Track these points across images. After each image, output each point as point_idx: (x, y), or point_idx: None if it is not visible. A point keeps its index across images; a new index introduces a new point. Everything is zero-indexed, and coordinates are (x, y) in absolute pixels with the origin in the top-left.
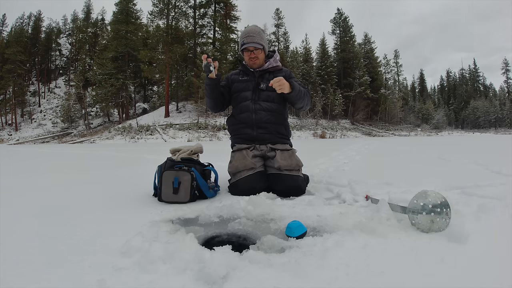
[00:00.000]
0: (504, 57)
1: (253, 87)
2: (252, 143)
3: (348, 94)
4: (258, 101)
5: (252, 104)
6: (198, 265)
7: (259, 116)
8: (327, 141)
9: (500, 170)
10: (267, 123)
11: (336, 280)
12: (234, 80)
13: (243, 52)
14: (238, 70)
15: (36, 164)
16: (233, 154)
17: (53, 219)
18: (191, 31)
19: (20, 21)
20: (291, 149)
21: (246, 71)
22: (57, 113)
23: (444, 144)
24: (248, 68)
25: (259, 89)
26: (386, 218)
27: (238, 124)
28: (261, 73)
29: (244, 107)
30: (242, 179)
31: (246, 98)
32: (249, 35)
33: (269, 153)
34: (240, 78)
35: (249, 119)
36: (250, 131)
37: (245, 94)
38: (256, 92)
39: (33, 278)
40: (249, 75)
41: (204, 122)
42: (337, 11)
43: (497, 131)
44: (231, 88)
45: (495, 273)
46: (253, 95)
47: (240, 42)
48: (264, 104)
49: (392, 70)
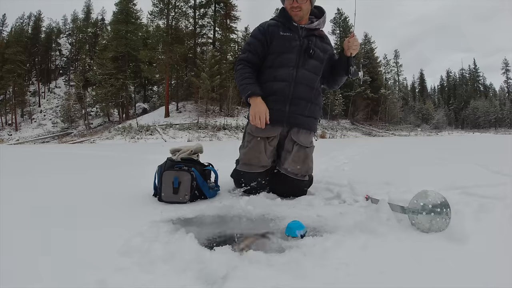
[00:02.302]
0: (504, 57)
1: (299, 50)
2: (280, 125)
3: (348, 94)
4: (302, 69)
5: (295, 72)
6: (198, 265)
7: (298, 89)
8: (327, 141)
9: (500, 170)
10: (304, 100)
11: (336, 280)
12: (273, 34)
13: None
14: (276, 21)
15: (36, 164)
16: (250, 138)
17: (53, 219)
18: (191, 31)
19: (20, 21)
20: (311, 146)
21: (288, 24)
22: (57, 113)
23: (444, 144)
24: (291, 21)
25: (308, 54)
26: (386, 218)
27: (268, 96)
28: (308, 33)
29: (283, 75)
30: (250, 174)
31: (288, 62)
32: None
33: (287, 146)
34: (282, 34)
35: (285, 91)
36: (282, 106)
37: (289, 56)
38: (302, 57)
39: (33, 278)
40: (292, 31)
41: (204, 122)
42: (337, 11)
43: (497, 131)
44: (269, 46)
45: (495, 273)
46: (297, 59)
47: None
48: (308, 74)
49: (392, 70)
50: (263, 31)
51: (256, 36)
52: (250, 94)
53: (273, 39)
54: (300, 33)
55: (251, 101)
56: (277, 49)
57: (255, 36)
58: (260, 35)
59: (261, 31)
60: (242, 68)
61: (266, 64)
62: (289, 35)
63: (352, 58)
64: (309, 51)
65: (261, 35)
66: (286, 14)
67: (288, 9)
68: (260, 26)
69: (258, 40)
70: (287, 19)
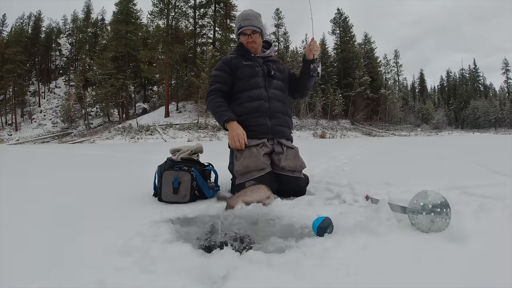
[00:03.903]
0: (504, 57)
1: (262, 74)
2: (265, 136)
3: (348, 94)
4: (270, 88)
5: (265, 91)
6: (198, 265)
7: (273, 105)
8: (327, 141)
9: (500, 170)
10: (280, 113)
11: (336, 280)
12: (237, 64)
13: (239, 36)
14: (236, 54)
15: (36, 164)
16: (240, 151)
17: (53, 219)
18: (191, 31)
19: (20, 21)
20: (295, 147)
21: (247, 55)
22: (57, 113)
23: (444, 144)
24: (249, 52)
25: (271, 76)
26: (386, 218)
27: (249, 114)
28: (264, 60)
29: (257, 94)
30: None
31: (257, 84)
32: (246, 18)
33: (277, 149)
34: (244, 63)
35: (263, 106)
36: (264, 120)
37: (256, 79)
38: (267, 79)
39: (33, 278)
40: (251, 60)
41: (204, 122)
42: (337, 11)
43: (497, 131)
44: (235, 75)
45: (495, 273)
46: (264, 82)
47: (237, 26)
48: (276, 92)
49: (392, 70)
50: (227, 63)
51: (222, 69)
52: (226, 119)
53: (238, 68)
54: (258, 61)
55: (228, 126)
56: (245, 75)
57: (221, 69)
58: (226, 67)
59: (226, 63)
60: (214, 97)
61: (238, 88)
62: (251, 63)
63: (315, 59)
64: (270, 74)
65: (226, 67)
66: (243, 48)
67: (244, 43)
68: (224, 60)
69: (224, 71)
70: (245, 51)
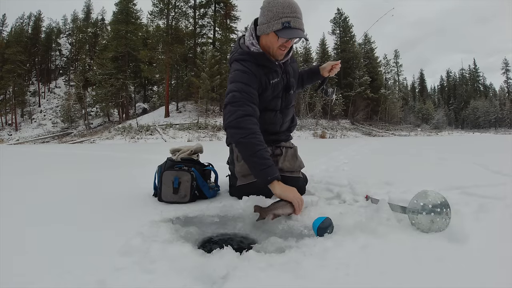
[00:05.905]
0: (504, 57)
1: (282, 91)
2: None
3: (348, 94)
4: (285, 109)
5: (281, 115)
6: (198, 265)
7: (285, 120)
8: (327, 141)
9: (500, 170)
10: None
11: (336, 280)
12: (266, 85)
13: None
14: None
15: (36, 164)
16: None
17: (53, 219)
18: (191, 31)
19: (20, 21)
20: (293, 146)
21: (272, 66)
22: (57, 113)
23: (444, 144)
24: (271, 60)
25: (288, 91)
26: (386, 218)
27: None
28: (285, 67)
29: (270, 119)
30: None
31: (275, 107)
32: (297, 17)
33: (276, 151)
34: (272, 81)
35: (272, 130)
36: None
37: (275, 102)
38: (284, 97)
39: (33, 278)
40: (277, 74)
41: (204, 122)
42: (337, 11)
43: (497, 131)
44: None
45: (495, 273)
46: (281, 103)
47: (280, 22)
48: (289, 109)
49: (392, 70)
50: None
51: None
52: (275, 177)
53: (266, 90)
54: (279, 72)
55: (276, 186)
56: (268, 98)
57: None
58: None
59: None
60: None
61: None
62: (277, 80)
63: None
64: (288, 90)
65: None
66: (264, 56)
67: (274, 46)
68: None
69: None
70: (266, 60)
